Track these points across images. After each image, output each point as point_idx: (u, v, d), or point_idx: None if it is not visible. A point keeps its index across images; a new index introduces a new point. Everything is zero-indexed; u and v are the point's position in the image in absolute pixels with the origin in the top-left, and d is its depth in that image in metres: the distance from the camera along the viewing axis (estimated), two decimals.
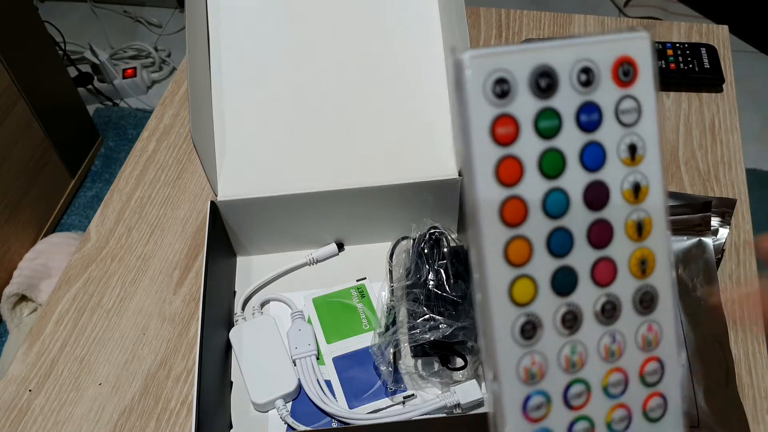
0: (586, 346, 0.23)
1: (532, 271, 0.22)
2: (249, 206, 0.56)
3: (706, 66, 0.72)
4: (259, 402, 0.51)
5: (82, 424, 0.53)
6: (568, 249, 0.22)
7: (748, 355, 0.53)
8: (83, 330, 0.58)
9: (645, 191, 0.23)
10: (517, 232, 0.22)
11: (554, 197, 0.22)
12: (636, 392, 0.24)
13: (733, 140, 0.69)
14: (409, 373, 0.52)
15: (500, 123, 0.21)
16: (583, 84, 0.22)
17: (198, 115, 0.53)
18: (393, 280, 0.55)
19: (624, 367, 0.24)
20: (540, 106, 0.21)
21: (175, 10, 1.99)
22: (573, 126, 0.22)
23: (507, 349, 0.22)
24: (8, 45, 1.26)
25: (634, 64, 0.22)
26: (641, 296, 0.24)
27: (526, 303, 0.22)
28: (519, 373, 0.22)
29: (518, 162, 0.21)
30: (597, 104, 0.22)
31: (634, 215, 0.23)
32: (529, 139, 0.21)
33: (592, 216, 0.23)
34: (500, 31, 0.81)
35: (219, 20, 0.58)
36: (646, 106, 0.23)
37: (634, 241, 0.23)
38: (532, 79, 0.21)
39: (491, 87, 0.21)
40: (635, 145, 0.23)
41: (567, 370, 0.23)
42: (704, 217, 0.53)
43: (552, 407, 0.23)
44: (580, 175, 0.22)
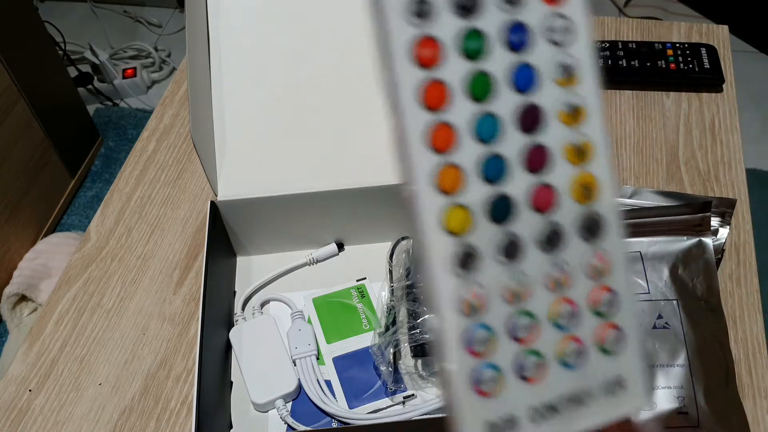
0: (530, 276, 0.22)
1: (465, 199, 0.21)
2: (249, 206, 0.56)
3: (706, 66, 0.72)
4: (259, 402, 0.51)
5: (82, 424, 0.53)
6: (503, 175, 0.21)
7: (748, 355, 0.53)
8: (83, 330, 0.58)
9: (582, 113, 0.22)
10: (447, 158, 0.21)
11: (485, 121, 0.21)
12: (588, 324, 0.23)
13: (733, 140, 0.69)
14: (409, 373, 0.52)
15: (422, 44, 0.20)
16: (508, 2, 0.21)
17: (198, 115, 0.53)
18: (393, 280, 0.55)
19: (573, 297, 0.22)
20: (464, 25, 0.20)
21: (175, 10, 1.99)
22: (500, 46, 0.21)
23: (444, 282, 0.21)
24: (8, 45, 1.26)
25: None
26: (587, 222, 0.22)
27: (462, 232, 0.21)
28: (458, 306, 0.21)
29: (443, 85, 0.20)
30: (525, 23, 0.21)
31: (572, 138, 0.22)
32: (454, 61, 0.20)
33: (527, 140, 0.21)
34: None
35: (219, 20, 0.58)
36: (579, 25, 0.22)
37: (574, 165, 0.22)
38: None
39: (409, 5, 0.20)
40: (569, 65, 0.22)
41: (510, 302, 0.22)
42: (704, 217, 0.53)
43: (497, 341, 0.22)
44: (512, 97, 0.21)
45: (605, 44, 0.75)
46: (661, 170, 0.66)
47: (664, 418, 0.47)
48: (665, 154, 0.68)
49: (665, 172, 0.66)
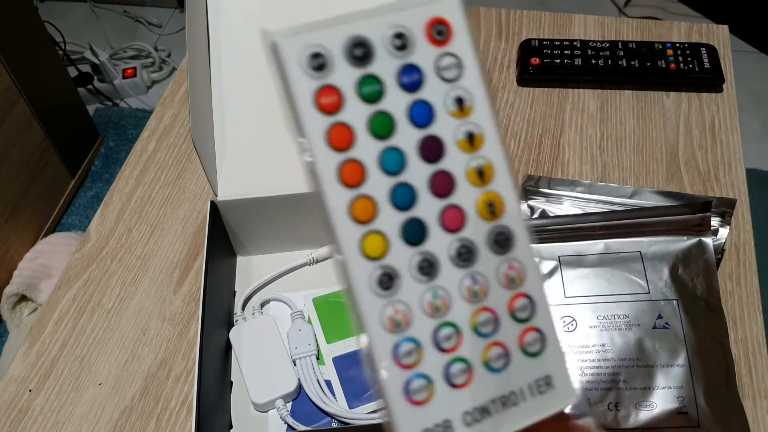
0: (448, 290, 0.24)
1: (380, 226, 0.23)
2: (249, 206, 0.56)
3: (706, 66, 0.72)
4: (259, 402, 0.51)
5: (82, 424, 0.53)
6: (412, 201, 0.23)
7: (748, 355, 0.53)
8: (83, 330, 0.58)
9: (480, 139, 0.24)
10: (359, 191, 0.23)
11: (389, 155, 0.23)
12: (508, 329, 0.24)
13: (733, 140, 0.69)
14: None
15: (323, 93, 0.22)
16: (398, 48, 0.23)
17: (198, 115, 0.53)
18: None
19: (491, 306, 0.24)
20: (359, 73, 0.23)
21: (175, 10, 1.99)
22: (396, 88, 0.23)
23: (368, 302, 0.23)
24: (8, 45, 1.26)
25: (447, 24, 0.23)
26: (495, 236, 0.24)
27: (379, 256, 0.23)
28: (383, 323, 0.23)
29: (347, 127, 0.23)
30: (416, 65, 0.23)
31: (473, 162, 0.24)
32: (355, 105, 0.23)
33: (431, 168, 0.23)
34: (500, 31, 0.81)
35: (219, 20, 0.58)
36: (467, 61, 0.24)
37: (477, 187, 0.24)
38: (347, 50, 0.22)
39: (307, 62, 0.22)
40: (462, 97, 0.24)
41: (432, 315, 0.24)
42: (704, 217, 0.53)
43: (423, 352, 0.23)
44: (412, 132, 0.23)
45: (605, 44, 0.75)
46: (661, 170, 0.66)
47: (664, 418, 0.47)
48: (665, 154, 0.68)
49: (665, 172, 0.66)
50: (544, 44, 0.75)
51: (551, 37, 0.78)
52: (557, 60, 0.74)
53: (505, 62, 0.77)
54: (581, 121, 0.71)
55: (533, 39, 0.76)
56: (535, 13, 0.83)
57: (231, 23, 0.58)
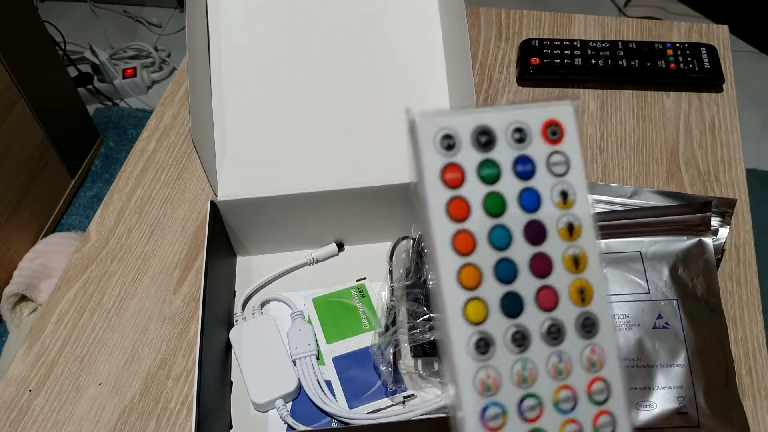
0: (536, 364, 0.26)
1: (482, 294, 0.25)
2: (249, 206, 0.56)
3: (706, 66, 0.72)
4: (259, 402, 0.51)
5: (82, 424, 0.53)
6: (514, 276, 0.26)
7: (748, 355, 0.53)
8: (83, 330, 0.58)
9: (578, 230, 0.27)
10: (468, 260, 0.25)
11: (498, 232, 0.26)
12: (585, 409, 0.26)
13: (733, 140, 0.69)
14: (409, 373, 0.52)
15: (448, 170, 0.25)
16: (517, 141, 0.26)
17: (198, 115, 0.53)
18: (393, 280, 0.55)
19: (572, 385, 0.26)
20: (481, 157, 0.26)
21: (175, 10, 1.99)
22: (510, 174, 0.26)
23: (464, 363, 0.25)
24: (8, 45, 1.26)
25: (560, 126, 0.27)
26: (583, 321, 0.26)
27: (479, 322, 0.25)
28: (476, 385, 0.25)
29: (465, 202, 0.26)
30: (530, 157, 0.26)
31: (570, 250, 0.27)
32: (474, 184, 0.26)
33: (533, 249, 0.26)
34: (500, 31, 0.81)
35: (219, 20, 0.58)
36: (574, 160, 0.27)
37: (572, 273, 0.26)
38: (473, 136, 0.26)
39: (439, 141, 0.25)
40: (566, 191, 0.27)
41: (519, 385, 0.26)
42: (704, 217, 0.53)
43: (508, 418, 0.25)
44: (520, 214, 0.26)
45: (605, 44, 0.75)
46: (661, 170, 0.66)
47: (664, 418, 0.47)
48: (665, 154, 0.68)
49: (665, 172, 0.66)
50: (544, 44, 0.75)
51: (551, 37, 0.78)
52: (557, 60, 0.74)
53: (505, 62, 0.77)
54: (581, 122, 0.71)
55: (533, 39, 0.76)
56: (535, 13, 0.83)
57: (231, 23, 0.58)
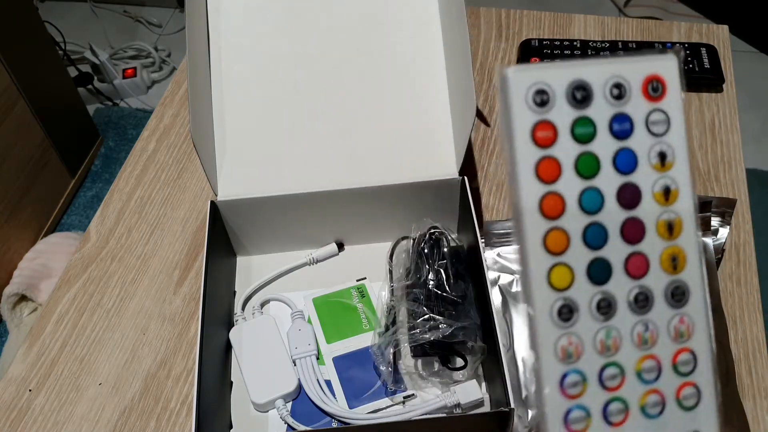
0: (620, 332, 0.25)
1: (569, 260, 0.24)
2: (249, 206, 0.56)
3: (706, 66, 0.72)
4: (259, 402, 0.51)
5: (82, 424, 0.53)
6: (603, 242, 0.25)
7: (748, 355, 0.53)
8: (83, 330, 0.58)
9: (675, 194, 0.25)
10: (556, 224, 0.24)
11: (589, 195, 0.24)
12: (669, 380, 0.25)
13: (733, 140, 0.69)
14: (409, 373, 0.52)
15: (540, 128, 0.24)
16: (615, 97, 0.24)
17: (198, 115, 0.53)
18: (393, 280, 0.55)
19: (657, 354, 0.25)
20: (576, 114, 0.24)
21: (175, 10, 1.99)
22: (606, 133, 0.24)
23: (546, 329, 0.24)
24: (8, 45, 1.26)
25: (662, 82, 0.25)
26: (673, 290, 0.25)
27: (564, 288, 0.24)
28: (557, 352, 0.24)
29: (557, 162, 0.24)
30: (628, 115, 0.25)
31: (664, 216, 0.25)
32: (566, 143, 0.24)
33: (626, 214, 0.25)
34: (500, 31, 0.81)
35: (219, 20, 0.58)
36: (675, 119, 0.25)
37: (665, 239, 0.25)
38: (568, 91, 0.24)
39: (532, 97, 0.24)
40: (665, 152, 0.25)
41: (602, 353, 0.25)
42: (704, 217, 0.53)
43: (588, 386, 0.25)
44: (614, 177, 0.25)
45: (605, 44, 0.75)
46: None
47: None
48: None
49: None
50: (544, 44, 0.75)
51: (551, 37, 0.78)
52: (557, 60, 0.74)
53: (505, 62, 0.77)
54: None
55: (533, 39, 0.76)
56: (535, 13, 0.83)
57: (231, 23, 0.58)
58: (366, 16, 0.59)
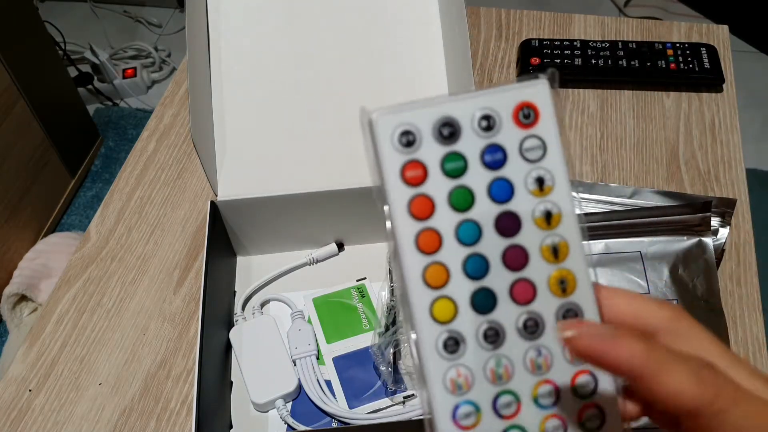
0: (512, 360, 0.25)
1: (450, 293, 0.24)
2: (249, 206, 0.56)
3: (706, 66, 0.72)
4: (259, 402, 0.51)
5: (82, 424, 0.53)
6: (484, 272, 0.25)
7: (748, 355, 0.53)
8: (83, 330, 0.58)
9: (557, 218, 0.25)
10: (434, 258, 0.24)
11: (466, 227, 0.25)
12: (568, 403, 0.25)
13: (733, 140, 0.69)
14: (409, 373, 0.52)
15: (409, 167, 0.24)
16: (484, 129, 0.25)
17: (198, 115, 0.53)
18: (393, 280, 0.55)
19: (553, 379, 0.25)
20: (445, 150, 0.24)
21: (175, 10, 1.99)
22: (478, 165, 0.25)
23: (433, 362, 0.24)
24: (8, 45, 1.26)
25: (534, 108, 0.25)
26: (564, 313, 0.25)
27: (448, 321, 0.24)
28: (446, 384, 0.24)
29: (429, 199, 0.24)
30: (500, 145, 0.25)
31: (548, 240, 0.25)
32: (437, 179, 0.24)
33: (506, 242, 0.25)
34: (500, 31, 0.81)
35: (219, 20, 0.58)
36: (551, 143, 0.25)
37: (551, 263, 0.25)
38: (435, 129, 0.24)
39: (398, 139, 0.24)
40: (542, 177, 0.25)
41: (493, 382, 0.25)
42: (704, 217, 0.53)
43: (482, 416, 0.25)
44: (490, 207, 0.25)
45: (605, 44, 0.75)
46: (661, 170, 0.66)
47: None
48: (665, 154, 0.68)
49: (665, 172, 0.66)
50: (544, 44, 0.75)
51: (551, 37, 0.78)
52: (557, 60, 0.74)
53: (505, 62, 0.77)
54: (581, 121, 0.71)
55: (533, 39, 0.76)
56: (535, 13, 0.83)
57: (231, 23, 0.58)
58: (366, 16, 0.59)
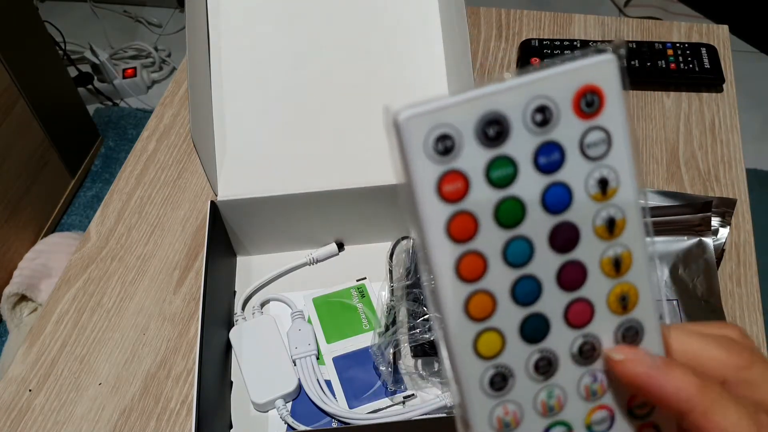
0: (565, 389, 0.22)
1: (497, 324, 0.21)
2: (249, 206, 0.56)
3: (706, 66, 0.72)
4: (259, 402, 0.51)
5: (82, 424, 0.53)
6: (536, 296, 0.21)
7: None
8: (83, 330, 0.58)
9: (621, 224, 0.21)
10: (477, 287, 0.21)
11: (515, 246, 0.21)
12: (624, 426, 0.23)
13: (733, 140, 0.69)
14: (409, 373, 0.52)
15: (446, 180, 0.20)
16: (539, 124, 0.20)
17: (198, 115, 0.53)
18: (393, 280, 0.55)
19: (608, 403, 0.23)
20: (490, 155, 0.20)
21: (175, 10, 1.99)
22: (530, 169, 0.20)
23: (477, 402, 0.21)
24: (8, 45, 1.26)
25: (598, 92, 0.21)
26: (624, 332, 0.22)
27: (494, 355, 0.21)
28: (492, 424, 0.22)
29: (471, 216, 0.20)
30: (557, 142, 0.20)
31: (609, 252, 0.22)
32: (481, 191, 0.20)
33: (561, 259, 0.21)
34: (500, 31, 0.81)
35: (219, 20, 0.58)
36: (617, 135, 0.21)
37: (611, 278, 0.22)
38: (478, 130, 0.20)
39: (433, 145, 0.19)
40: (606, 178, 0.21)
41: (544, 415, 0.22)
42: (704, 217, 0.53)
43: None
44: (544, 219, 0.21)
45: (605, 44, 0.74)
46: (661, 170, 0.66)
47: None
48: (665, 154, 0.68)
49: (665, 172, 0.66)
50: (544, 44, 0.75)
51: (551, 37, 0.78)
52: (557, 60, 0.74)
53: (505, 62, 0.77)
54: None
55: (533, 39, 0.76)
56: (535, 13, 0.83)
57: (231, 23, 0.58)
58: (366, 16, 0.59)
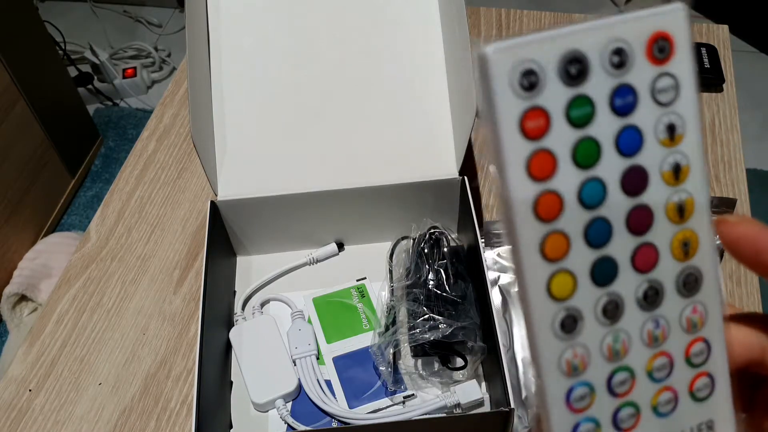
0: (629, 334, 0.23)
1: (570, 265, 0.21)
2: (249, 206, 0.56)
3: (706, 66, 0.72)
4: (259, 402, 0.51)
5: (82, 424, 0.53)
6: (607, 238, 0.22)
7: None
8: (83, 330, 0.58)
9: (686, 171, 0.22)
10: (553, 226, 0.21)
11: (590, 187, 0.21)
12: (682, 374, 0.24)
13: (733, 140, 0.69)
14: (409, 373, 0.52)
15: (529, 116, 0.20)
16: (615, 66, 0.21)
17: (198, 115, 0.53)
18: (393, 280, 0.55)
19: (668, 350, 0.23)
20: (571, 94, 0.20)
21: (175, 10, 1.99)
22: (607, 111, 0.21)
23: (548, 345, 0.22)
24: (8, 45, 1.26)
25: (669, 39, 0.21)
26: (684, 278, 0.23)
27: (566, 297, 0.22)
28: (561, 367, 0.22)
29: (551, 155, 0.21)
30: (632, 86, 0.21)
31: (675, 197, 0.22)
32: (561, 130, 0.20)
33: (631, 202, 0.22)
34: (500, 31, 0.81)
35: (219, 20, 0.58)
36: (685, 82, 0.21)
37: (675, 224, 0.22)
38: (561, 67, 0.20)
39: (518, 80, 0.20)
40: (674, 124, 0.22)
41: (610, 359, 0.23)
42: None
43: (596, 396, 0.23)
44: (617, 161, 0.21)
45: None
46: None
47: None
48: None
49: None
50: None
51: None
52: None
53: None
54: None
55: None
56: (535, 13, 0.83)
57: (231, 23, 0.58)
58: (366, 16, 0.59)
